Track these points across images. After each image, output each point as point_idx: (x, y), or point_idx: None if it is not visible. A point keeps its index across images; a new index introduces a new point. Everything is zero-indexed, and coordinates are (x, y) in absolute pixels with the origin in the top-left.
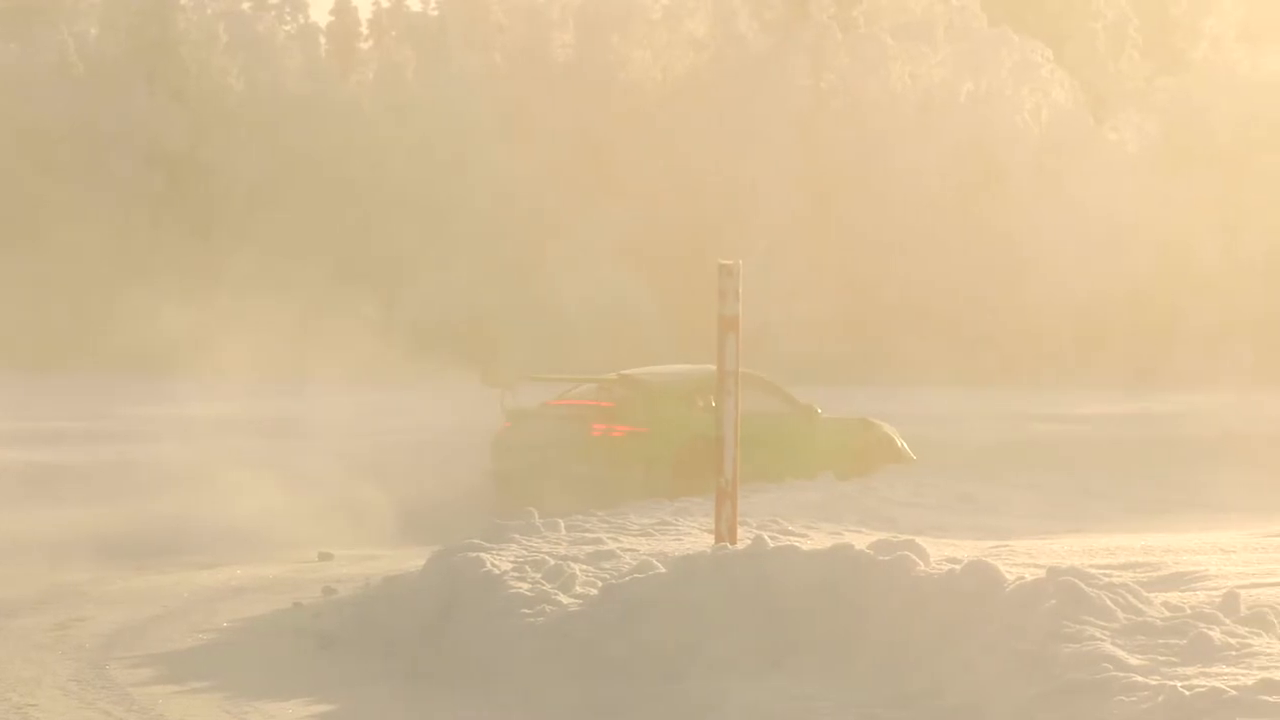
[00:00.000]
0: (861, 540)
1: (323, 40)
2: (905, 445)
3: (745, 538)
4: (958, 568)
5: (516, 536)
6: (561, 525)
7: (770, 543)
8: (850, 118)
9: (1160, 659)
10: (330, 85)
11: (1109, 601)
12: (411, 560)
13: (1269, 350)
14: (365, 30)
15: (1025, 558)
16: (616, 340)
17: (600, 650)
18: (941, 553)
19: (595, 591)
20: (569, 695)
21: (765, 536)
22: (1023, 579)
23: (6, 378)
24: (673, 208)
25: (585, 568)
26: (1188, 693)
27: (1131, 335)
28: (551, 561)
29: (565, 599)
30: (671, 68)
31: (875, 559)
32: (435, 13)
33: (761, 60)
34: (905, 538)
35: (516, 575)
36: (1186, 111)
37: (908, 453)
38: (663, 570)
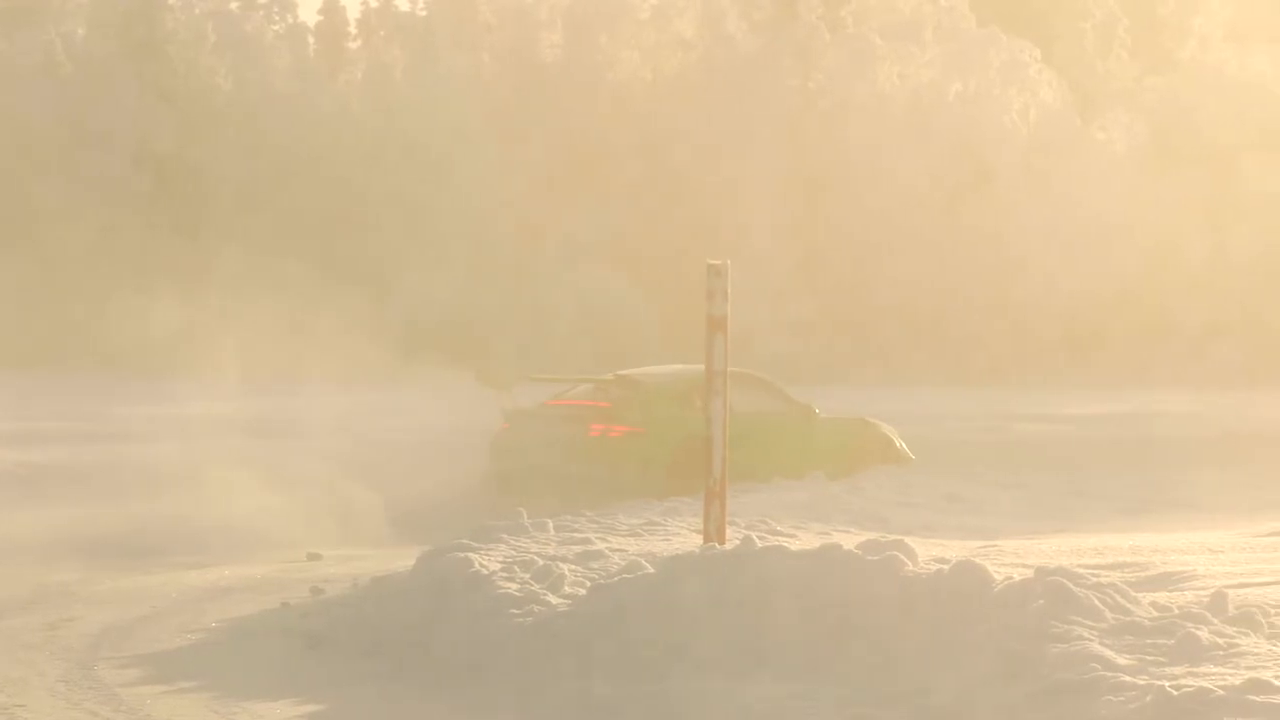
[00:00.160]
0: (850, 540)
1: (311, 40)
2: (904, 445)
3: (734, 538)
4: (946, 568)
5: (505, 537)
6: (550, 525)
7: (759, 543)
8: (839, 117)
9: (1148, 659)
10: (318, 85)
11: (1097, 601)
12: (400, 560)
13: (1257, 350)
14: (353, 30)
15: (1013, 558)
16: (605, 340)
17: (589, 650)
18: (930, 553)
19: (584, 592)
20: (557, 695)
21: (754, 537)
22: (1011, 579)
23: None
24: (661, 208)
25: (574, 568)
26: (1175, 692)
27: (1120, 335)
28: (540, 562)
29: (554, 599)
30: (660, 68)
31: (864, 559)
32: (423, 13)
33: (750, 60)
34: (894, 538)
35: (505, 575)
36: (1174, 111)
37: (906, 453)
38: (651, 570)
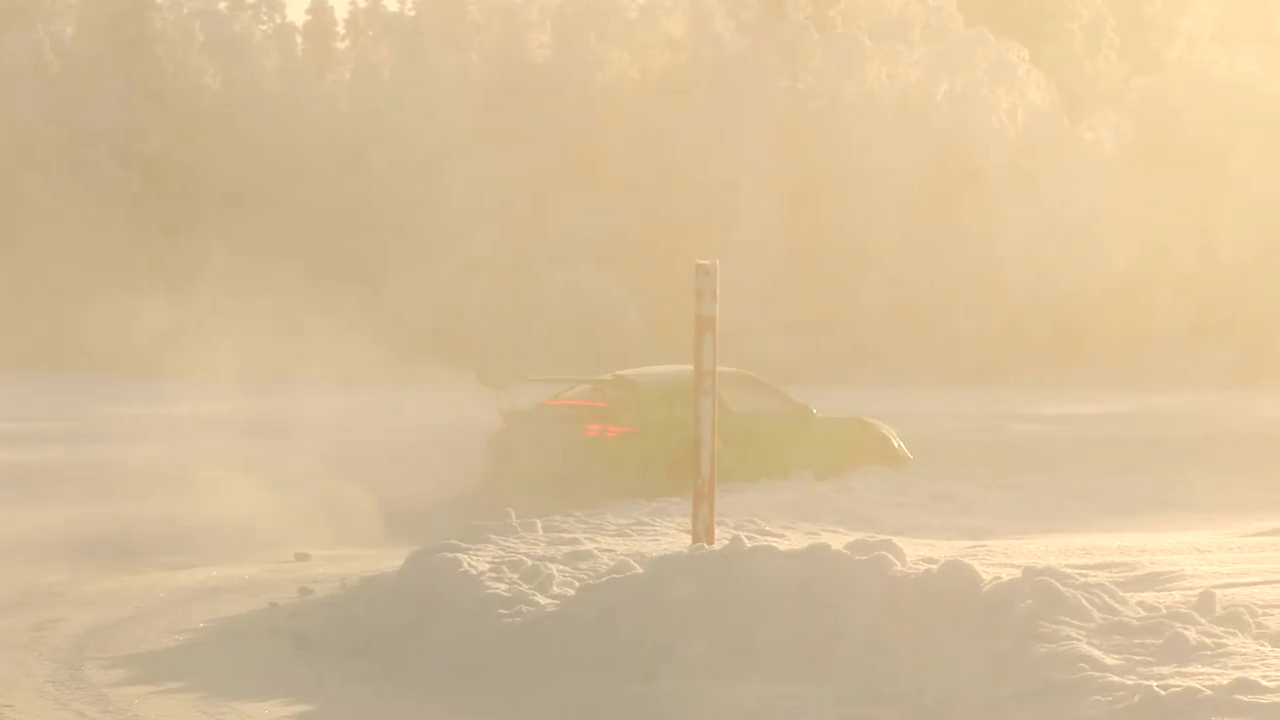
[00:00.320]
0: (838, 540)
1: (299, 40)
2: (902, 445)
3: (722, 538)
4: (934, 568)
5: (494, 537)
6: (539, 526)
7: (747, 543)
8: (827, 117)
9: (1136, 659)
10: (307, 85)
11: (1085, 601)
12: (389, 561)
13: (1246, 350)
14: (342, 30)
15: (1002, 558)
16: (595, 339)
17: (577, 651)
18: (918, 553)
19: (572, 592)
20: (546, 695)
21: (742, 536)
22: (999, 579)
23: None
24: (651, 207)
25: (562, 568)
26: (1163, 692)
27: (1109, 335)
28: (529, 562)
29: (542, 599)
30: (649, 68)
31: (852, 559)
32: (412, 13)
33: (738, 60)
34: (882, 538)
35: (494, 576)
36: (1162, 111)
37: (904, 452)
38: (640, 571)
